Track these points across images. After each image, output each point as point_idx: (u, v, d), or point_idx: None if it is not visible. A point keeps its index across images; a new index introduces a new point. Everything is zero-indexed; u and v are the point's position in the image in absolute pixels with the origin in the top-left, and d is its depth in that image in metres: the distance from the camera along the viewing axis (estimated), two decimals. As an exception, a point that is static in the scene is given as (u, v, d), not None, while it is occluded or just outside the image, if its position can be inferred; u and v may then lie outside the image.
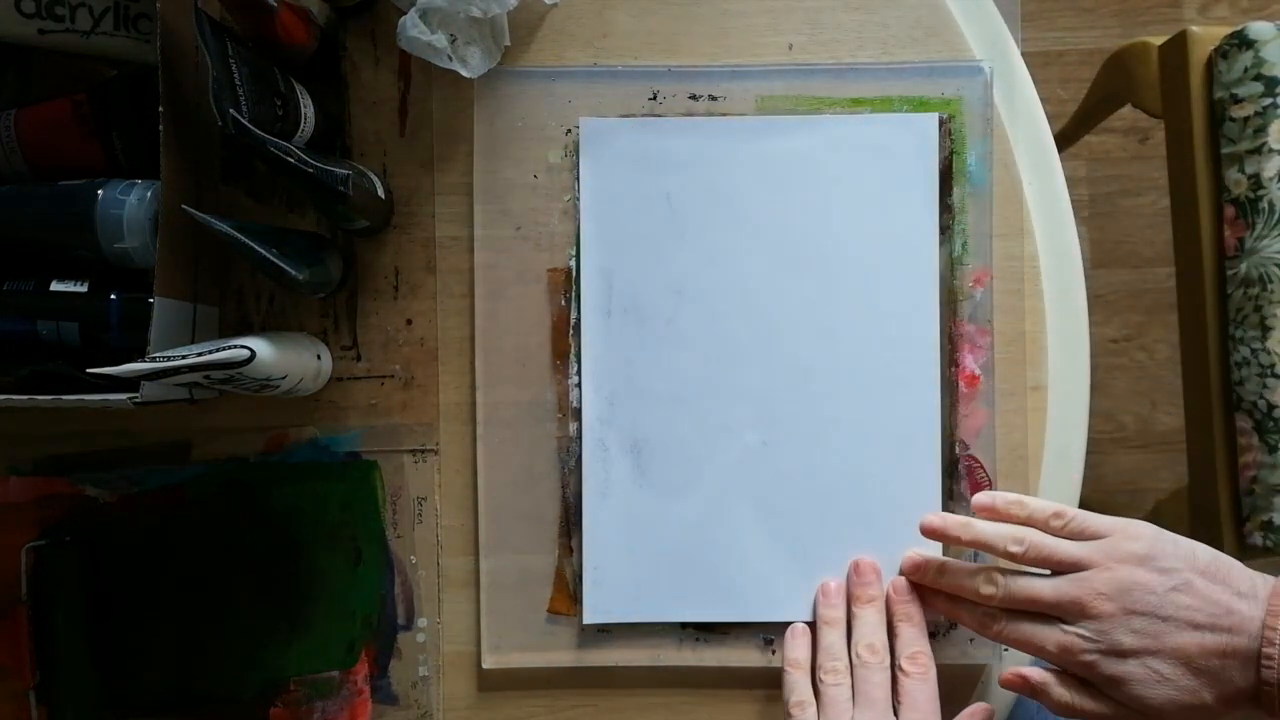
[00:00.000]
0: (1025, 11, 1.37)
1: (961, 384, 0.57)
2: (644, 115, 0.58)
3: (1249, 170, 0.77)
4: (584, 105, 0.58)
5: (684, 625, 0.57)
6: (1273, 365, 0.75)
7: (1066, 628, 0.48)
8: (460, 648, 0.58)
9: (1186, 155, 0.82)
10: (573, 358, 0.58)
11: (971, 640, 0.57)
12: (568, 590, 0.58)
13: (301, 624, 0.58)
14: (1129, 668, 0.47)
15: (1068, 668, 0.49)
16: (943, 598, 0.54)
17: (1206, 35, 0.80)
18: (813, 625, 0.56)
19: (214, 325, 0.57)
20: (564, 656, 0.57)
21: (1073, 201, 0.59)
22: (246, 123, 0.46)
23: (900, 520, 0.57)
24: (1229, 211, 0.78)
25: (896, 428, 0.57)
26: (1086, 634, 0.48)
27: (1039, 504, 0.51)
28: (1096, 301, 1.32)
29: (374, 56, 0.59)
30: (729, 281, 0.57)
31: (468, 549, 0.58)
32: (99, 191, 0.50)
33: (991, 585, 0.50)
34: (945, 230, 0.57)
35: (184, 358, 0.46)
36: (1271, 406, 0.76)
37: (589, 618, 0.57)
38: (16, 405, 0.48)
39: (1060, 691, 0.49)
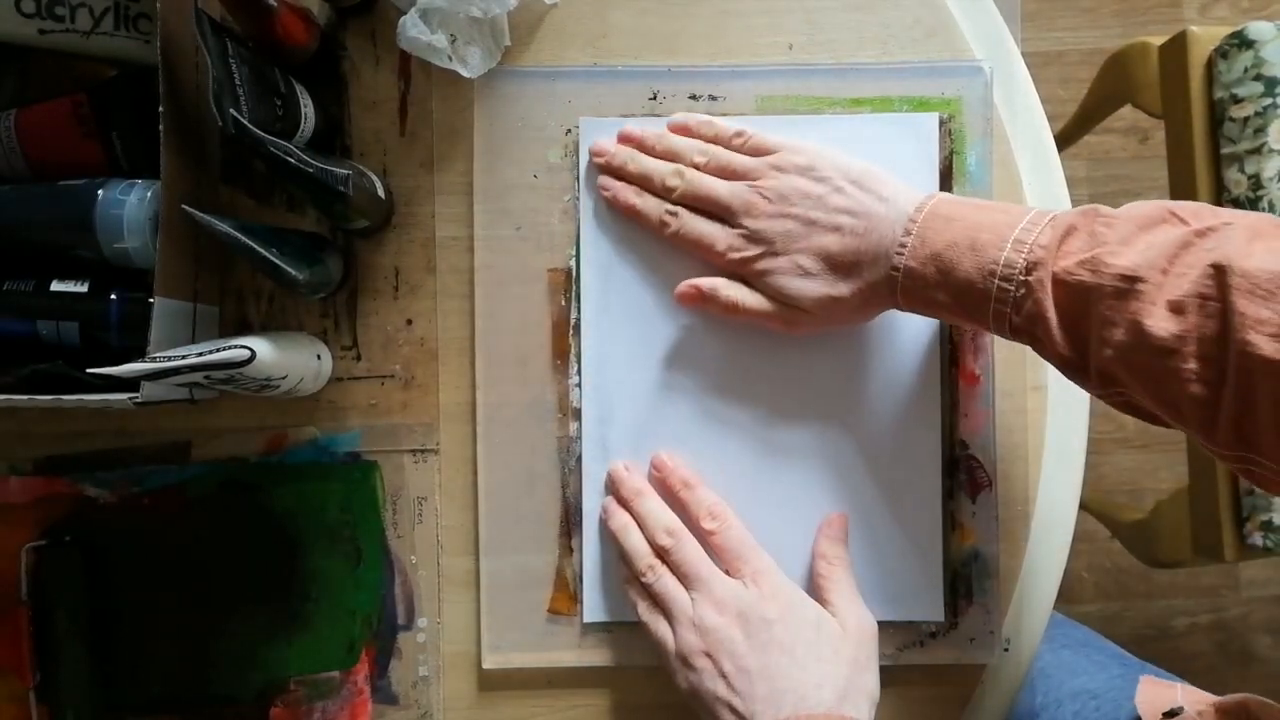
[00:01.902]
0: (1025, 11, 1.37)
1: (961, 384, 0.57)
2: (644, 115, 0.58)
3: (1249, 170, 0.77)
4: (584, 105, 0.58)
5: (684, 625, 0.57)
6: (1273, 365, 0.75)
7: (731, 229, 0.54)
8: (460, 648, 0.58)
9: (1186, 155, 0.82)
10: (573, 358, 0.58)
11: (971, 640, 0.57)
12: (568, 590, 0.58)
13: (301, 624, 0.58)
14: (777, 262, 0.52)
15: (729, 267, 0.54)
16: (630, 190, 0.56)
17: (1206, 35, 0.80)
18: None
19: (214, 325, 0.57)
20: (564, 656, 0.57)
21: (1073, 201, 0.59)
22: (246, 123, 0.46)
23: (901, 520, 0.57)
24: (1229, 211, 0.78)
25: (897, 427, 0.57)
26: (745, 232, 0.53)
27: (724, 124, 0.56)
28: (1096, 301, 1.32)
29: (374, 56, 0.59)
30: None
31: (468, 549, 0.58)
32: (99, 191, 0.50)
33: (678, 178, 0.55)
34: (945, 230, 0.57)
35: (184, 358, 0.46)
36: (1271, 406, 0.76)
37: (589, 617, 0.57)
38: (16, 405, 0.48)
39: (728, 292, 0.54)
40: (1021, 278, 0.45)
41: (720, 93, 0.58)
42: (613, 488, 0.57)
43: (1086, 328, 0.44)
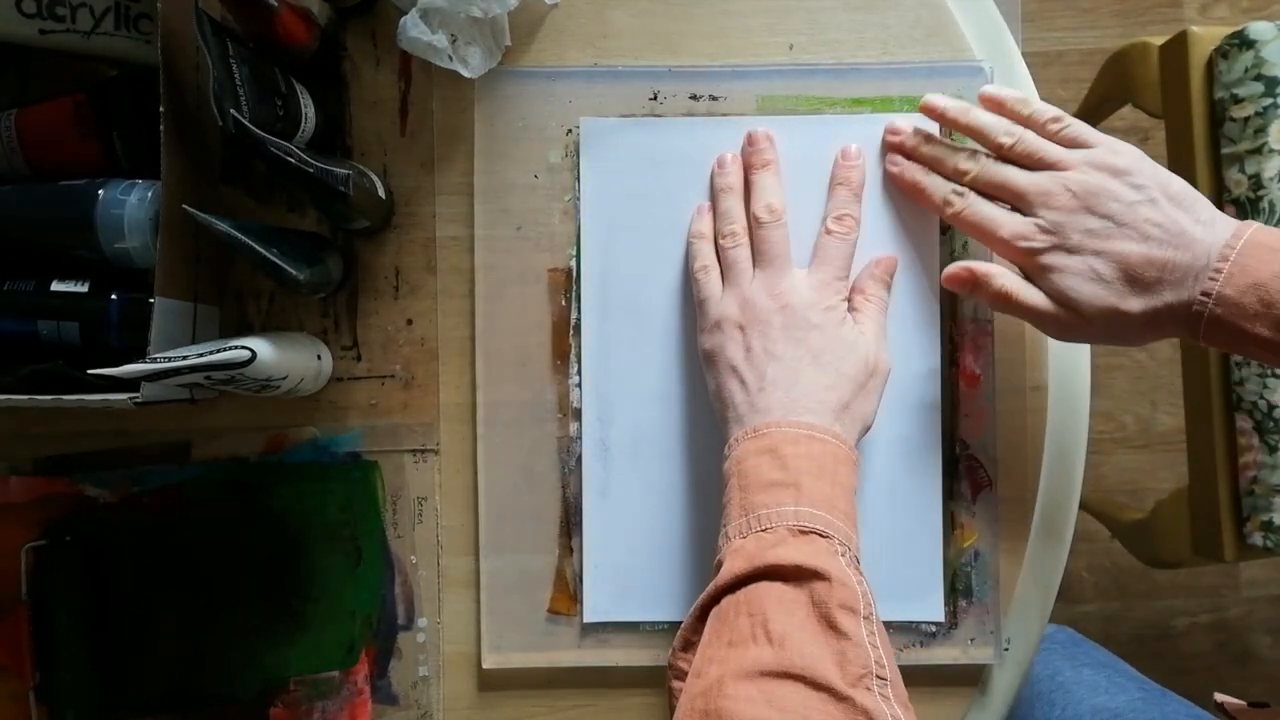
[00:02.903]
0: (1025, 11, 1.37)
1: (962, 384, 0.57)
2: (644, 115, 0.58)
3: (1249, 170, 0.77)
4: (584, 105, 0.58)
5: (684, 625, 0.57)
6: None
7: (1024, 216, 0.50)
8: (460, 648, 0.58)
9: (1186, 155, 0.82)
10: (573, 358, 0.58)
11: (971, 640, 0.57)
12: (568, 590, 0.58)
13: (301, 624, 0.58)
14: (1068, 260, 0.49)
15: (1010, 255, 0.51)
16: (917, 169, 0.54)
17: (1206, 35, 0.80)
18: None
19: (214, 325, 0.57)
20: (564, 656, 0.57)
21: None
22: (247, 123, 0.46)
23: (901, 520, 0.57)
24: (1230, 211, 0.78)
25: (897, 428, 0.57)
26: (1041, 222, 0.50)
27: (1041, 106, 0.52)
28: (1096, 301, 1.32)
29: (374, 56, 0.59)
30: (729, 281, 0.57)
31: (468, 549, 0.58)
32: (99, 191, 0.50)
33: (973, 161, 0.52)
34: (946, 229, 0.57)
35: (184, 358, 0.46)
36: (1271, 406, 0.76)
37: (589, 617, 0.57)
38: (16, 405, 0.48)
39: (1001, 281, 0.51)
40: None
41: (720, 93, 0.58)
42: (744, 147, 0.56)
43: None
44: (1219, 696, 0.63)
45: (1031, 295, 0.50)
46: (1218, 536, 0.81)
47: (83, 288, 0.52)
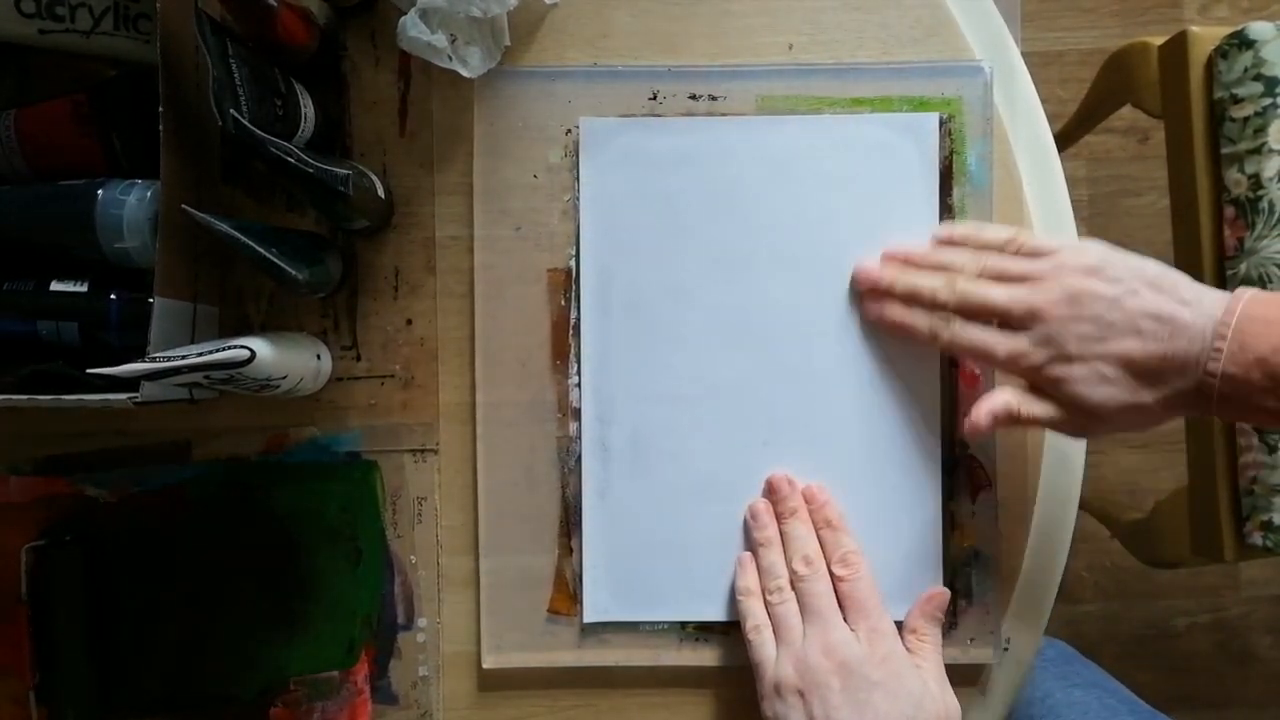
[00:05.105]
0: (1025, 11, 1.37)
1: (961, 384, 0.57)
2: (644, 115, 0.58)
3: (1249, 170, 0.77)
4: (584, 105, 0.58)
5: (684, 625, 0.57)
6: (1273, 365, 0.75)
7: (1017, 334, 0.50)
8: (460, 648, 0.58)
9: (1186, 155, 0.82)
10: (573, 358, 0.58)
11: (971, 640, 0.57)
12: (568, 590, 0.58)
13: (301, 624, 0.58)
14: (1073, 369, 0.49)
15: (1014, 373, 0.51)
16: (897, 306, 0.54)
17: (1206, 35, 0.80)
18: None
19: (214, 325, 0.57)
20: (564, 656, 0.57)
21: (1073, 201, 0.59)
22: (246, 123, 0.46)
23: (901, 521, 0.57)
24: (1229, 212, 0.78)
25: (897, 428, 0.57)
26: (1034, 337, 0.49)
27: (995, 230, 0.54)
28: (1096, 301, 1.32)
29: (374, 56, 0.59)
30: (729, 281, 0.57)
31: (468, 549, 0.58)
32: (99, 191, 0.50)
33: (948, 290, 0.52)
34: (945, 230, 0.57)
35: (184, 358, 0.46)
36: (1271, 406, 0.76)
37: (589, 617, 0.57)
38: (16, 405, 0.48)
39: (1029, 410, 0.50)
40: None
41: (720, 93, 0.58)
42: (770, 495, 0.56)
43: None
44: None
45: (1046, 411, 0.50)
46: (1218, 536, 0.81)
47: (82, 288, 0.52)
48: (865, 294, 0.56)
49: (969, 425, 0.51)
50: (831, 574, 0.54)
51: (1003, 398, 0.51)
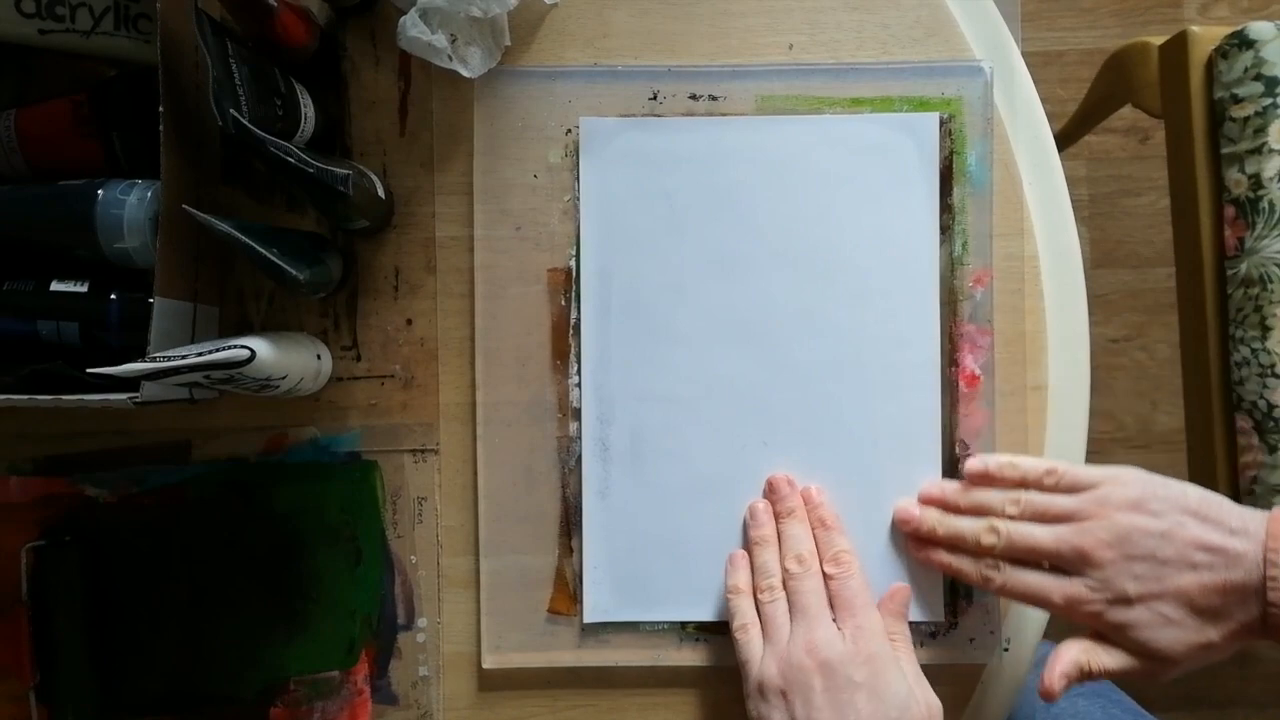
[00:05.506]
0: (1025, 11, 1.37)
1: (961, 384, 0.57)
2: (644, 115, 0.58)
3: (1249, 170, 0.77)
4: (584, 105, 0.58)
5: (684, 625, 0.57)
6: (1273, 365, 0.75)
7: (1071, 579, 0.49)
8: (460, 648, 0.58)
9: (1186, 155, 0.82)
10: (573, 358, 0.58)
11: (971, 640, 0.57)
12: (568, 590, 0.58)
13: (301, 624, 0.58)
14: (1135, 613, 0.48)
15: (1073, 619, 0.50)
16: (942, 551, 0.54)
17: (1206, 35, 0.80)
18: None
19: (214, 325, 0.57)
20: (564, 656, 0.57)
21: (1073, 201, 0.59)
22: (246, 123, 0.46)
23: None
24: (1229, 211, 0.78)
25: (897, 428, 0.57)
26: (1090, 582, 0.49)
27: (1031, 463, 0.53)
28: (1096, 301, 1.32)
29: (374, 56, 0.59)
30: (729, 281, 0.57)
31: (468, 549, 0.58)
32: (99, 191, 0.50)
33: (993, 535, 0.51)
34: (945, 230, 0.57)
35: (184, 358, 0.46)
36: (1271, 406, 0.76)
37: (589, 617, 0.57)
38: (16, 405, 0.48)
39: (1101, 662, 0.49)
40: None
41: (720, 93, 0.58)
42: (770, 495, 0.56)
43: None
44: None
45: (1116, 661, 0.49)
46: (1218, 536, 0.81)
47: (82, 288, 0.52)
48: (909, 538, 0.56)
49: (1043, 690, 0.50)
50: (824, 573, 0.54)
51: (1070, 655, 0.50)
